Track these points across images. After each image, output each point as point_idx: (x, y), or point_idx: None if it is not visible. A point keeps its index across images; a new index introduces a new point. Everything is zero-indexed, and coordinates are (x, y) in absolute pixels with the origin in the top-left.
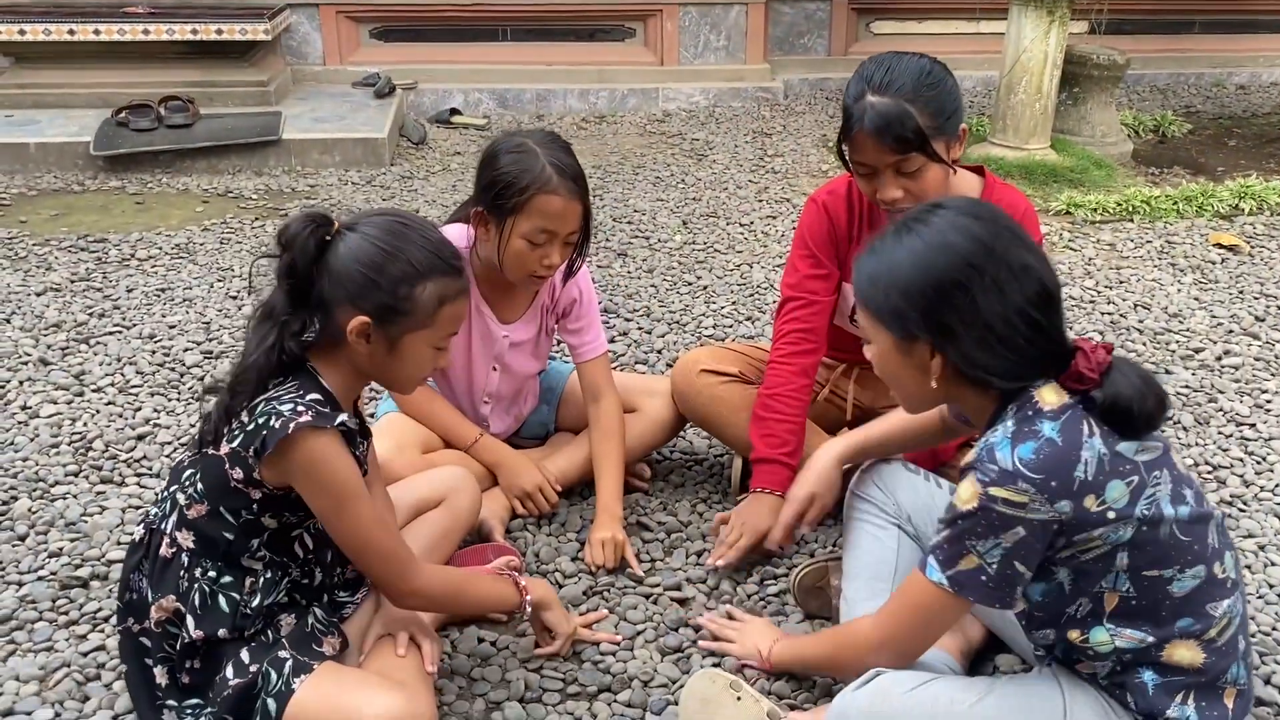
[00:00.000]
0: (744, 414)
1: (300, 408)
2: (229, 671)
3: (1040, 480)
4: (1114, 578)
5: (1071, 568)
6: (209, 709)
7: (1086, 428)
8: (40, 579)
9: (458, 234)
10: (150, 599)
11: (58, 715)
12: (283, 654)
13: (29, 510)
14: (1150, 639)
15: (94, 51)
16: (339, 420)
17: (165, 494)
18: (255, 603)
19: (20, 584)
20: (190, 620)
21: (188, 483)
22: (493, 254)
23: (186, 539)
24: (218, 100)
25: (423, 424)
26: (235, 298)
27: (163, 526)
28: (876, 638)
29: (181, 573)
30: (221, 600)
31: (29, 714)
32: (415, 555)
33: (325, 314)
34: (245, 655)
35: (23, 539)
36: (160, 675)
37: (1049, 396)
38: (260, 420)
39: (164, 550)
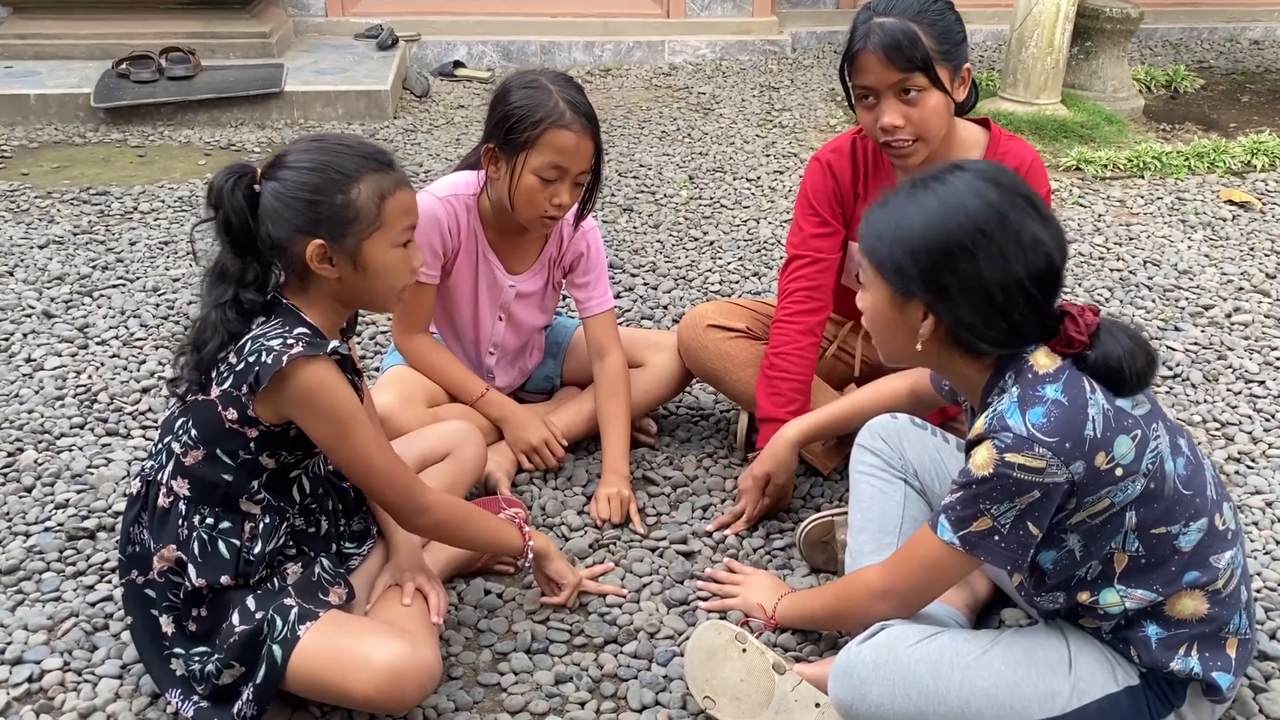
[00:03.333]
0: (750, 369)
1: (290, 340)
2: (235, 618)
3: (1055, 443)
4: (1123, 538)
5: (1081, 532)
6: (216, 656)
7: (1087, 385)
8: (47, 530)
9: (466, 180)
10: (152, 549)
11: (66, 664)
12: (288, 601)
13: (35, 462)
14: (1160, 597)
15: (94, 2)
16: (330, 347)
17: (159, 446)
18: (257, 549)
19: (28, 535)
20: (192, 569)
21: (180, 431)
22: (503, 193)
23: (183, 487)
24: (219, 52)
25: (428, 377)
26: None
27: (159, 477)
28: (880, 586)
29: (180, 521)
30: (222, 546)
31: (38, 663)
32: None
33: (282, 254)
34: (251, 602)
35: (29, 490)
36: (166, 624)
37: (1043, 360)
38: (250, 359)
39: (162, 500)
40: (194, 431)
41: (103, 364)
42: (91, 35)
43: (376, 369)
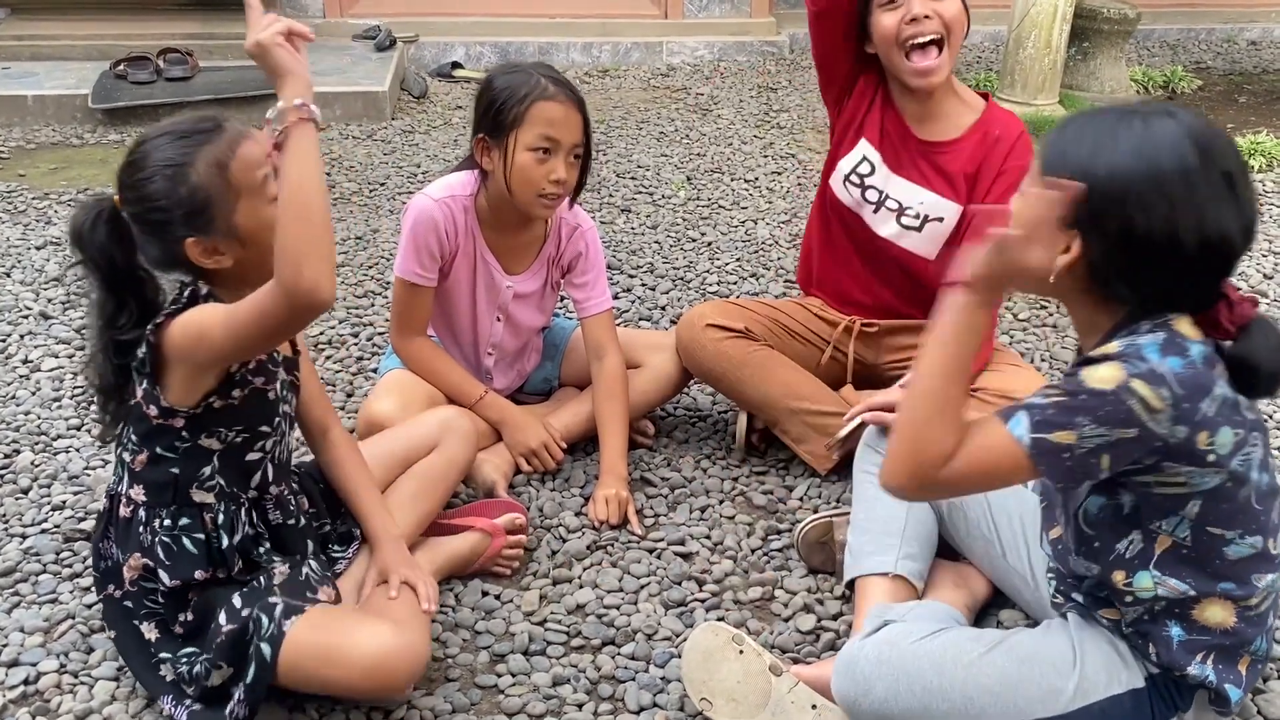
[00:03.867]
0: (749, 370)
1: (161, 318)
2: (222, 618)
3: (1180, 395)
4: (1175, 521)
5: (1138, 494)
6: (204, 656)
7: (1220, 367)
8: (44, 532)
9: (462, 181)
10: (121, 561)
11: (63, 666)
12: (273, 599)
13: (31, 463)
14: (1192, 592)
15: (92, 3)
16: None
17: (115, 459)
18: (226, 541)
19: (24, 536)
20: (162, 573)
21: (125, 439)
22: (500, 180)
23: (139, 493)
24: (217, 53)
25: (427, 381)
26: None
27: (119, 489)
28: (938, 462)
29: (141, 528)
30: (187, 543)
31: (34, 665)
32: None
33: (178, 267)
34: (238, 600)
35: (25, 492)
36: (149, 630)
37: (1186, 328)
38: (141, 354)
39: (123, 511)
40: (134, 436)
41: None
42: (89, 36)
43: (374, 370)
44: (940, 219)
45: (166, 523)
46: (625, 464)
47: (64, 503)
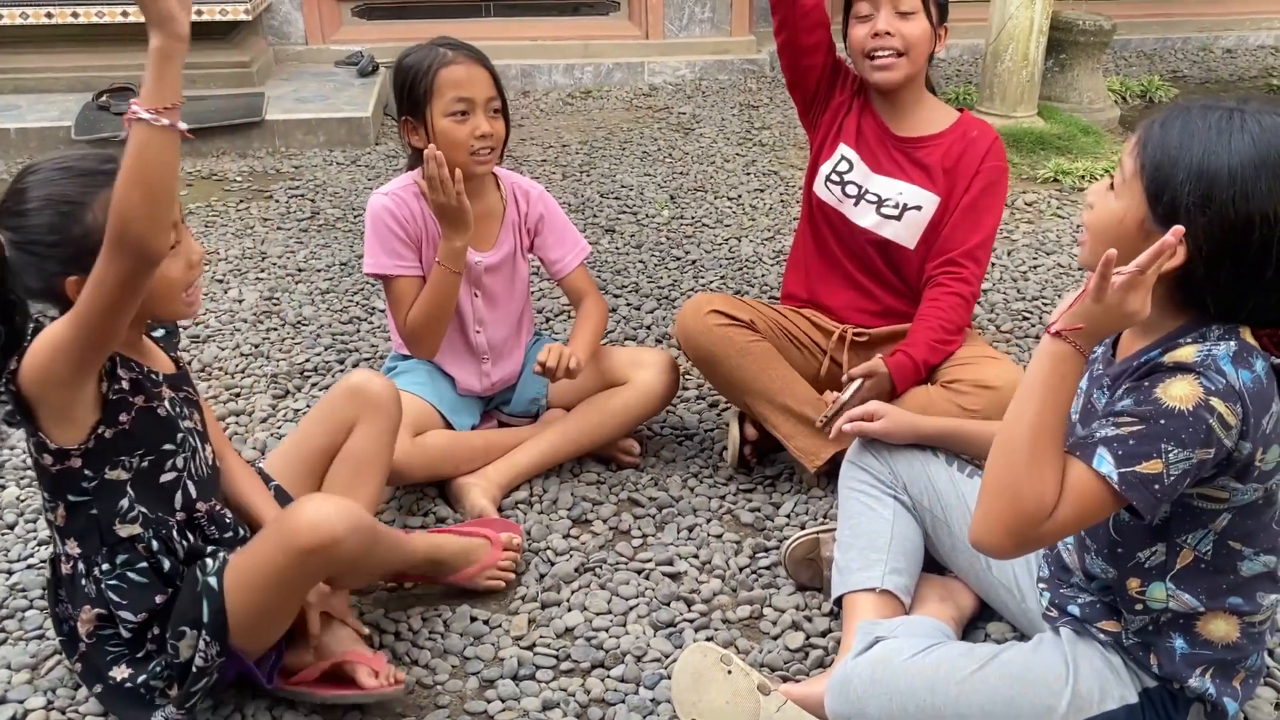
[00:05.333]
0: (750, 359)
1: (14, 364)
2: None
3: (1250, 410)
4: (1201, 535)
5: (1177, 504)
6: (167, 638)
7: (1278, 384)
8: (30, 567)
9: (410, 176)
10: (75, 617)
11: (50, 703)
12: (220, 554)
13: (17, 499)
14: (1201, 608)
15: (73, 34)
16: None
17: (46, 524)
18: (169, 564)
19: (10, 572)
20: (122, 614)
21: (42, 499)
22: None
23: (73, 547)
24: (200, 82)
25: (436, 321)
26: (221, 281)
27: (58, 550)
28: (1045, 517)
29: (84, 581)
30: (133, 576)
31: (21, 702)
32: None
33: (50, 298)
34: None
35: (11, 527)
36: (121, 671)
37: (1250, 339)
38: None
39: (64, 569)
40: (46, 493)
41: None
42: (71, 68)
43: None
44: (919, 207)
45: (104, 566)
46: (589, 352)
47: (50, 537)
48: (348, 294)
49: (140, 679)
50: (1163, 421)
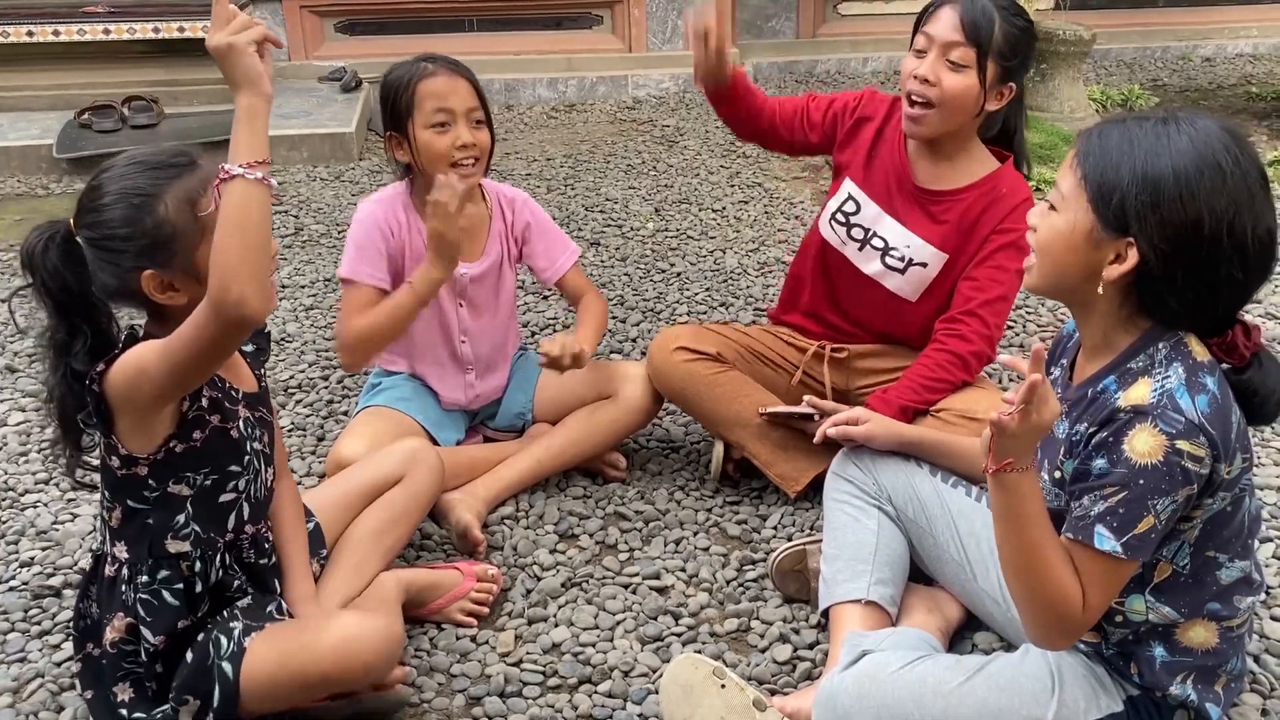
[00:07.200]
0: (720, 390)
1: (101, 365)
2: (189, 655)
3: (1214, 437)
4: (1176, 547)
5: None
6: (170, 695)
7: (1231, 391)
8: (11, 589)
9: (399, 186)
10: (103, 621)
11: None
12: (234, 624)
13: None
14: (1180, 619)
15: (54, 52)
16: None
17: (98, 518)
18: (200, 587)
19: None
20: (145, 630)
21: (102, 497)
22: (419, 168)
23: (121, 550)
24: (183, 99)
25: (382, 331)
26: None
27: (104, 549)
28: (1080, 608)
29: (124, 587)
30: (166, 595)
31: None
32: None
33: (128, 297)
34: (201, 636)
35: None
36: (123, 692)
37: (1198, 349)
38: (90, 407)
39: (108, 570)
40: (107, 493)
41: None
42: (53, 86)
43: (345, 413)
44: (924, 264)
45: (145, 578)
46: (594, 342)
47: (32, 559)
48: (332, 310)
49: (137, 714)
50: (1141, 481)
